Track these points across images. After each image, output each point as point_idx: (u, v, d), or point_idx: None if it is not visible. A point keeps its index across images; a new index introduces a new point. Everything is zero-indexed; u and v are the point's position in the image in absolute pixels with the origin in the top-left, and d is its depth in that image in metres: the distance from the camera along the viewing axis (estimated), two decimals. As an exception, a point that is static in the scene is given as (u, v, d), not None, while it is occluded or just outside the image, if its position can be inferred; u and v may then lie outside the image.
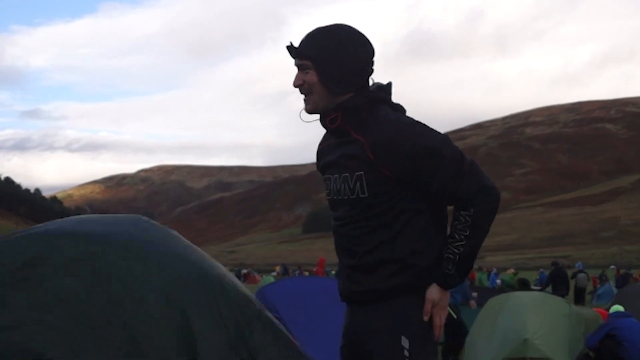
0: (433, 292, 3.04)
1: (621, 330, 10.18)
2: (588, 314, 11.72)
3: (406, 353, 2.99)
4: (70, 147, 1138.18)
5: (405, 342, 3.00)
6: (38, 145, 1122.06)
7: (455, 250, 2.96)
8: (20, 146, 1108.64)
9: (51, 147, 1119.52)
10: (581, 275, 29.86)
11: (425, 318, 3.05)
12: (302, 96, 3.14)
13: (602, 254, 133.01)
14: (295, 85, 3.10)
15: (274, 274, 56.82)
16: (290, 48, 3.08)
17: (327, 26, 3.10)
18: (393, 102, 3.16)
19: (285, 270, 58.76)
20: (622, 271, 39.57)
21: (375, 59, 3.14)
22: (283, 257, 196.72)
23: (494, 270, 41.73)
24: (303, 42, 3.08)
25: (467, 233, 2.96)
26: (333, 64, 3.01)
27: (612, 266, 55.11)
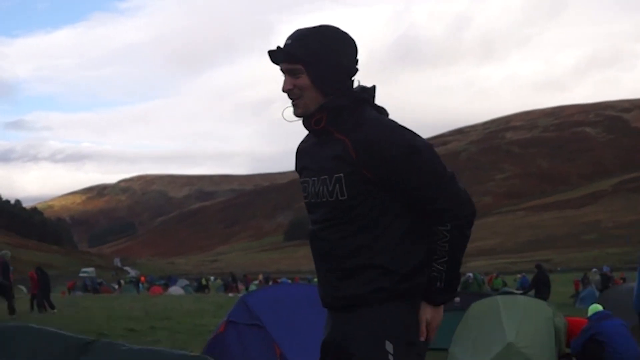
0: (426, 311, 2.99)
1: (603, 334, 10.22)
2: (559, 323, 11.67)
3: (391, 358, 2.92)
4: (54, 158, 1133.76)
5: (389, 347, 2.93)
6: (22, 156, 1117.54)
7: (440, 267, 2.92)
8: (4, 157, 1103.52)
9: (35, 158, 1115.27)
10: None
11: (422, 338, 3.01)
12: (290, 101, 3.07)
13: (583, 257, 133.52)
14: (285, 90, 3.03)
15: (256, 282, 56.79)
16: (277, 52, 3.01)
17: (314, 27, 3.02)
18: (377, 105, 3.12)
19: (267, 278, 58.79)
20: (604, 273, 39.70)
21: (358, 58, 3.12)
22: (265, 266, 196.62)
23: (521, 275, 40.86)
24: (292, 45, 2.99)
25: (447, 248, 2.92)
26: (326, 65, 2.97)
27: (594, 269, 55.41)
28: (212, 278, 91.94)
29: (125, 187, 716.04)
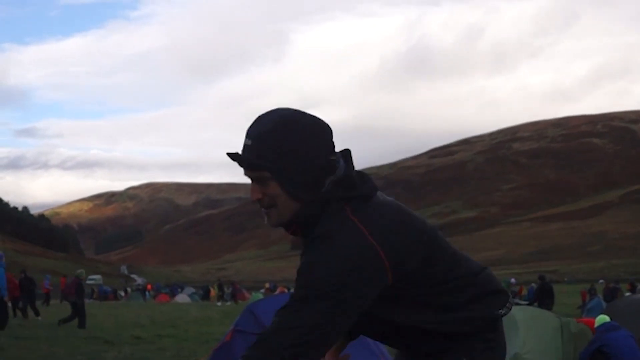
0: None
1: (610, 346, 10.22)
2: (575, 328, 11.71)
3: None
4: (64, 165, 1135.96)
5: None
6: (32, 163, 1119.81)
7: None
8: (14, 164, 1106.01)
9: (45, 165, 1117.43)
10: None
11: None
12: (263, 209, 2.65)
13: (590, 268, 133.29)
14: (254, 200, 2.63)
15: (263, 290, 56.88)
16: (237, 159, 2.60)
17: (276, 122, 2.55)
18: (353, 185, 2.62)
19: (274, 287, 58.83)
20: (610, 285, 39.63)
21: (333, 136, 2.65)
22: (272, 274, 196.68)
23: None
24: (253, 149, 2.54)
25: None
26: (295, 171, 2.53)
27: (601, 280, 55.27)
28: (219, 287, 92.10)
29: (132, 194, 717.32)
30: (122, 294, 70.68)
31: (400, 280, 2.55)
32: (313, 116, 2.62)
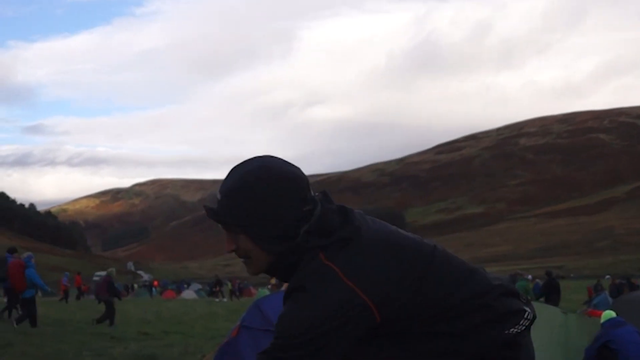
0: None
1: (616, 342, 10.21)
2: (581, 323, 11.70)
3: None
4: (71, 162, 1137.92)
5: None
6: (39, 160, 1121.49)
7: None
8: (21, 162, 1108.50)
9: (52, 162, 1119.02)
10: None
11: None
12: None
13: (596, 264, 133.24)
14: (229, 251, 2.67)
15: (269, 286, 56.87)
16: (210, 213, 2.65)
17: (244, 182, 2.54)
18: (325, 236, 2.55)
19: (280, 283, 58.78)
20: (617, 281, 39.57)
21: (309, 185, 2.62)
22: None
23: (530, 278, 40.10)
24: (222, 205, 2.57)
25: None
26: (265, 226, 2.53)
27: (607, 276, 55.13)
28: (228, 282, 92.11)
29: (139, 191, 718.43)
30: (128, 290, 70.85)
31: (394, 315, 2.49)
32: (286, 170, 2.58)
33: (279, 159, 2.64)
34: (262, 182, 2.51)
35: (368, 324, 2.45)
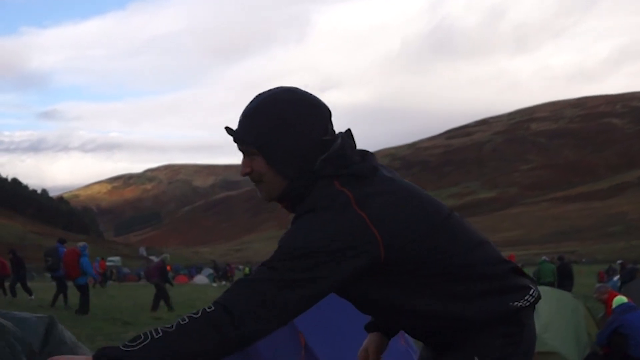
0: None
1: (627, 327, 10.22)
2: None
3: None
4: (84, 148, 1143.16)
5: None
6: (53, 146, 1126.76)
7: (160, 330, 2.23)
8: (35, 147, 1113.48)
9: (66, 148, 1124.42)
10: None
11: None
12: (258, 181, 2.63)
13: (609, 249, 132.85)
14: (243, 174, 2.63)
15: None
16: (230, 133, 2.59)
17: (269, 99, 2.52)
18: (341, 166, 2.51)
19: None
20: (628, 266, 39.42)
21: (331, 117, 2.60)
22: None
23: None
24: (243, 124, 2.53)
25: (184, 322, 2.26)
26: (282, 147, 2.50)
27: (619, 261, 54.96)
28: (240, 267, 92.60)
29: (151, 176, 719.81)
30: (141, 273, 71.14)
31: (399, 259, 2.43)
32: (310, 97, 2.56)
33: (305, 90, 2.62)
34: (284, 103, 2.48)
35: (372, 260, 2.38)
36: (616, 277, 32.05)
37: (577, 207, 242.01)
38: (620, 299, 11.13)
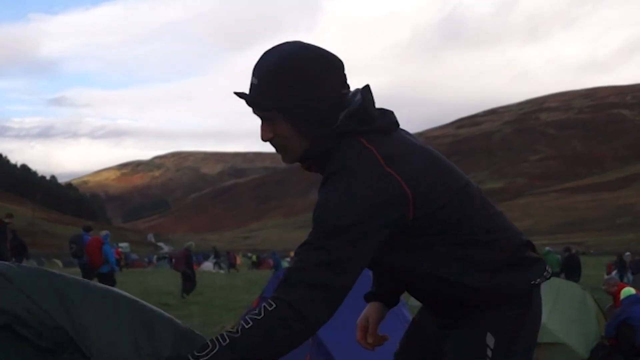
0: None
1: (635, 319, 10.22)
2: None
3: (489, 352, 2.60)
4: (93, 134, 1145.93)
5: (490, 340, 2.61)
6: (63, 132, 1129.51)
7: (220, 338, 2.21)
8: (45, 134, 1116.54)
9: (75, 135, 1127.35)
10: None
11: None
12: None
13: (617, 241, 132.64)
14: (265, 140, 2.49)
15: (288, 259, 57.02)
16: (244, 98, 2.45)
17: (282, 57, 2.39)
18: (366, 122, 2.47)
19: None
20: (636, 257, 39.37)
21: (345, 69, 2.51)
22: (297, 242, 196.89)
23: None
24: (259, 88, 2.40)
25: (249, 325, 2.23)
26: (306, 107, 2.39)
27: (628, 253, 54.89)
28: (249, 254, 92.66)
29: (159, 163, 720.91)
30: (147, 260, 71.47)
31: (429, 221, 2.44)
32: (322, 50, 2.47)
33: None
34: (302, 61, 2.38)
35: (403, 217, 2.38)
36: (614, 272, 32.06)
37: (586, 198, 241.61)
38: (629, 290, 11.12)
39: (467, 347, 2.63)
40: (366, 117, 2.46)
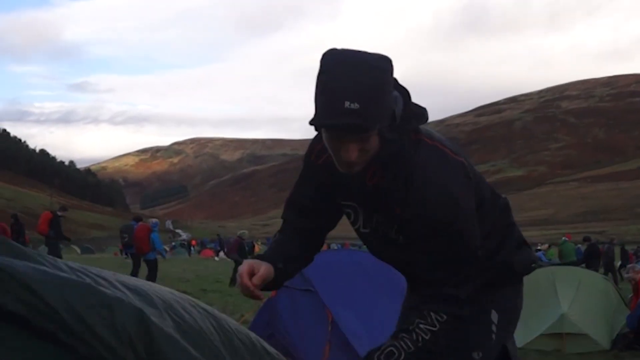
0: None
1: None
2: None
3: (494, 328, 2.80)
4: (114, 120, 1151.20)
5: (494, 317, 2.80)
6: (83, 118, 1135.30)
7: (404, 346, 2.49)
8: (65, 119, 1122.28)
9: (96, 120, 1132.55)
10: None
11: None
12: (339, 162, 2.46)
13: (638, 230, 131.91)
14: (352, 161, 2.38)
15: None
16: (349, 128, 2.29)
17: (373, 78, 2.28)
18: (421, 118, 2.54)
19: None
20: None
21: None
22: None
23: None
24: (362, 112, 2.23)
25: (428, 337, 2.51)
26: (388, 113, 2.35)
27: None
28: (269, 241, 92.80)
29: (178, 149, 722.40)
30: (167, 248, 71.48)
31: (478, 203, 2.66)
32: (383, 55, 2.41)
33: None
34: (386, 73, 2.35)
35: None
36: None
37: (606, 187, 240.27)
38: (649, 280, 11.02)
39: (475, 324, 2.74)
40: (418, 112, 2.52)
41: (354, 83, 2.26)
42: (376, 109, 2.27)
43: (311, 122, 2.35)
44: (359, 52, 2.38)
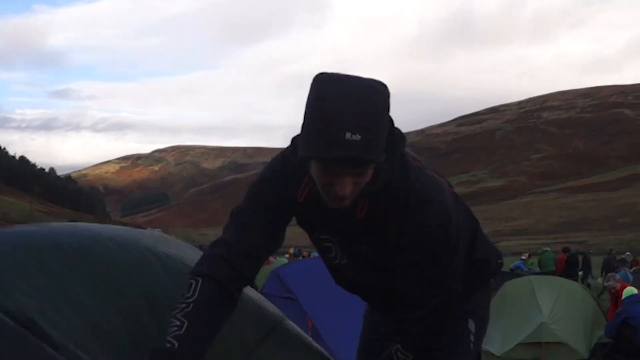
0: None
1: (636, 319, 10.17)
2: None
3: (472, 338, 2.77)
4: (95, 127, 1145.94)
5: (472, 326, 2.77)
6: (64, 125, 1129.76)
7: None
8: (47, 126, 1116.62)
9: (77, 127, 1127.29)
10: None
11: None
12: (329, 196, 2.27)
13: (617, 240, 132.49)
14: (345, 195, 2.19)
15: (287, 255, 56.95)
16: (349, 162, 2.11)
17: (373, 108, 2.11)
18: (402, 139, 2.37)
19: (298, 252, 58.91)
20: (638, 257, 39.30)
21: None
22: (295, 239, 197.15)
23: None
24: (363, 144, 2.06)
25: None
26: (383, 143, 2.17)
27: (628, 253, 54.82)
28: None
29: (159, 157, 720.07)
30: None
31: None
32: (379, 82, 2.22)
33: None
34: (388, 103, 2.18)
35: None
36: (623, 270, 31.96)
37: (587, 197, 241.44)
38: (630, 290, 11.10)
39: (454, 336, 2.69)
40: (401, 134, 2.36)
41: (355, 112, 2.09)
42: (377, 140, 2.12)
43: (304, 154, 2.17)
44: (355, 77, 2.19)
